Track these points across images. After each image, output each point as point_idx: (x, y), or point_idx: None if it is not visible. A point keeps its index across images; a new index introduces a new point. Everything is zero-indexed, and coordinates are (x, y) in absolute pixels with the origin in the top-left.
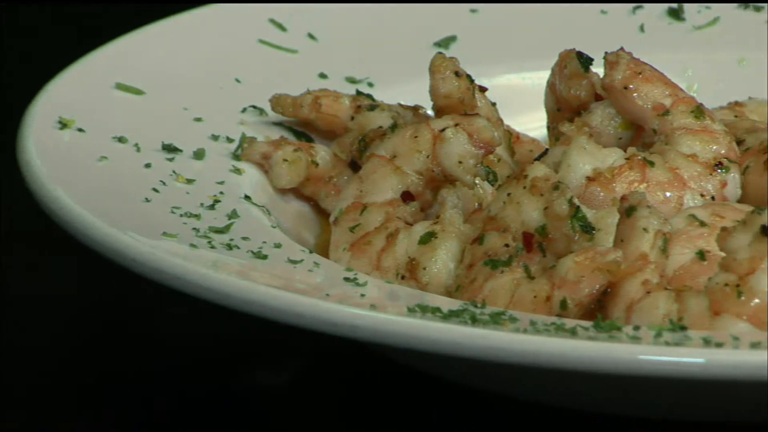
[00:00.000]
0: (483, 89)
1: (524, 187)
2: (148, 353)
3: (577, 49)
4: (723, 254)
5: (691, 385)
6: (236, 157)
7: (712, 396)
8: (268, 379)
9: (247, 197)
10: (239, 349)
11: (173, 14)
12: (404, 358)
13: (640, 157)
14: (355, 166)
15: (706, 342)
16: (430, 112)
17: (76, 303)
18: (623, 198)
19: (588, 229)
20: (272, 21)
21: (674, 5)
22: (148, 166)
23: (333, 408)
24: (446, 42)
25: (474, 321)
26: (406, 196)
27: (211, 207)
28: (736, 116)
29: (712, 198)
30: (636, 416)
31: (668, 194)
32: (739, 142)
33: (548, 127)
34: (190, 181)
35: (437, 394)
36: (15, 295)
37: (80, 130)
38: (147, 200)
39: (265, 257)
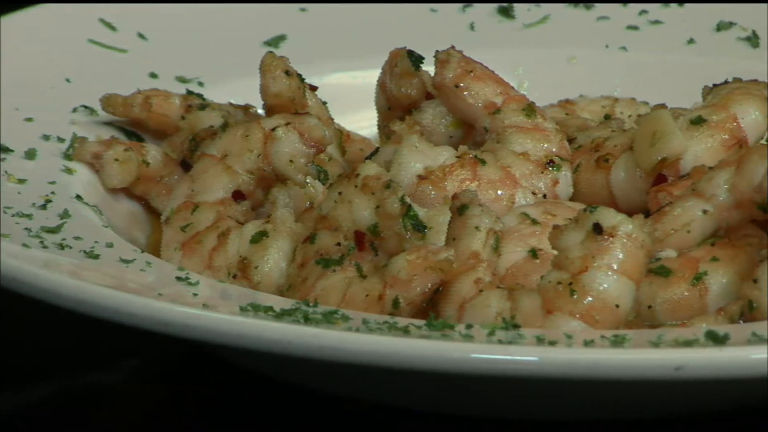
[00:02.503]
0: (313, 88)
1: (355, 186)
2: None
3: (408, 48)
4: (555, 252)
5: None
6: (67, 156)
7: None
8: (101, 378)
9: (78, 197)
10: (72, 349)
11: (2, 14)
12: (238, 357)
13: (471, 156)
14: (186, 166)
15: (540, 340)
16: (261, 111)
17: None
18: (455, 196)
19: (420, 227)
20: (102, 21)
21: (504, 4)
22: None
23: (164, 408)
24: (276, 41)
25: (306, 320)
26: (237, 195)
27: (43, 207)
28: (567, 114)
29: (544, 196)
30: (472, 415)
31: (500, 192)
32: (571, 140)
33: (379, 126)
34: (21, 181)
35: (273, 394)
36: None
37: None
38: None
39: (97, 257)
